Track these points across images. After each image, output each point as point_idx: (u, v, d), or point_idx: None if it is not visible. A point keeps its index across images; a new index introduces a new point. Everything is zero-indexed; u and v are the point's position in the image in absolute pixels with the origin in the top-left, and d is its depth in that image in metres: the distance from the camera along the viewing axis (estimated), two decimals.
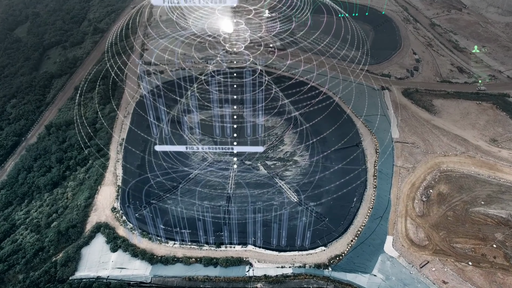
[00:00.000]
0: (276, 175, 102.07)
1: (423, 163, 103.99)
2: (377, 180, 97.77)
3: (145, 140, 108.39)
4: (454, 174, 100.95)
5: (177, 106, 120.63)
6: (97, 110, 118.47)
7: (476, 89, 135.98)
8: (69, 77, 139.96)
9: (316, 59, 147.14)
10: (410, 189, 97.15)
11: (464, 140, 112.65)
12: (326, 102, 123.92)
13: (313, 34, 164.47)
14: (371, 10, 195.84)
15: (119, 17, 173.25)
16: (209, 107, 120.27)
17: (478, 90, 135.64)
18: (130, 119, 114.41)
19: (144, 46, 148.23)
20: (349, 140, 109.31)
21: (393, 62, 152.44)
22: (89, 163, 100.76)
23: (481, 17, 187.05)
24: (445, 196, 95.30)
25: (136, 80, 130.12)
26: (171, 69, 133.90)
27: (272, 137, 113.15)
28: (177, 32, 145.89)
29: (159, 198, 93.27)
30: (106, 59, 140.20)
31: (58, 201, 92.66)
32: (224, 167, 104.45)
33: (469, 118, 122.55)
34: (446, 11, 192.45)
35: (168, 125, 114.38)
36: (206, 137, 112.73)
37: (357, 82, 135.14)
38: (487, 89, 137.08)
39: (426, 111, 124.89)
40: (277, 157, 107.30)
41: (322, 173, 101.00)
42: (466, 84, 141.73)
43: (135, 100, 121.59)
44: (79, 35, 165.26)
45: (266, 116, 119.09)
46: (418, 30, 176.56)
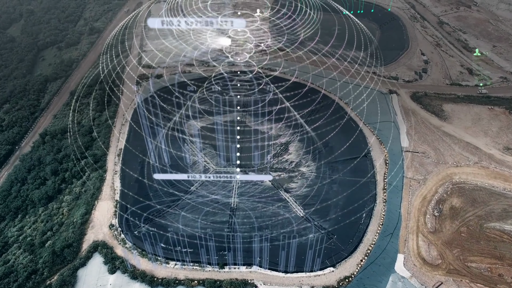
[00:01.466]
0: (281, 187, 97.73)
1: (434, 174, 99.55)
2: (386, 193, 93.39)
3: (143, 150, 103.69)
4: (467, 186, 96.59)
5: (177, 113, 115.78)
6: (93, 117, 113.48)
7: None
8: (65, 80, 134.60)
9: (320, 61, 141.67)
10: (422, 203, 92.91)
11: (476, 148, 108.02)
12: (332, 108, 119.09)
13: (318, 34, 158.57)
14: (376, 7, 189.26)
15: (116, 16, 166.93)
16: (210, 113, 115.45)
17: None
18: (128, 127, 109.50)
19: (143, 47, 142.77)
20: (357, 150, 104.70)
21: (401, 63, 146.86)
22: (85, 175, 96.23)
23: (491, 15, 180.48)
24: (458, 211, 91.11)
25: (133, 85, 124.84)
26: (172, 73, 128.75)
27: (277, 146, 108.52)
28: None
29: (159, 214, 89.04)
30: (103, 62, 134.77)
31: (53, 217, 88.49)
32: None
33: (481, 124, 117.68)
34: (455, 8, 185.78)
35: (167, 138, 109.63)
36: (207, 147, 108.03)
37: (366, 86, 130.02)
38: (497, 93, 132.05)
39: (436, 117, 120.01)
40: (282, 167, 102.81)
41: (329, 186, 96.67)
42: (476, 87, 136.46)
43: (133, 106, 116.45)
44: (74, 35, 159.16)
45: (270, 123, 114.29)
46: (426, 29, 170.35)
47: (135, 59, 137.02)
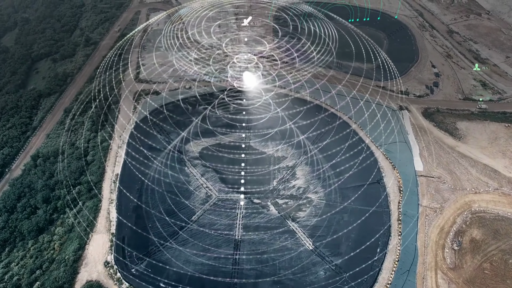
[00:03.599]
0: (288, 216, 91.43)
1: (452, 202, 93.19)
2: (401, 224, 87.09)
3: (142, 176, 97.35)
4: (488, 215, 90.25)
5: (178, 133, 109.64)
6: (88, 138, 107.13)
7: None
8: (59, 96, 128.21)
9: (326, 74, 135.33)
10: (439, 235, 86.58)
11: (494, 171, 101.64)
12: (340, 127, 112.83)
13: (322, 44, 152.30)
14: (383, 15, 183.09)
15: (113, 26, 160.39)
16: (214, 133, 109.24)
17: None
18: (125, 150, 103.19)
19: (139, 62, 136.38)
20: (368, 174, 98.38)
21: (411, 76, 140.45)
22: (79, 204, 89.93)
23: (503, 23, 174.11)
24: (479, 244, 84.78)
25: (131, 102, 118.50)
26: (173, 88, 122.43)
27: (283, 170, 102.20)
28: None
29: (158, 249, 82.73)
30: (99, 77, 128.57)
31: (44, 252, 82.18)
32: (230, 207, 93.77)
33: (498, 144, 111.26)
34: (465, 16, 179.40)
35: (168, 156, 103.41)
36: (210, 169, 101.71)
37: (376, 102, 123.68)
38: (509, 107, 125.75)
39: (450, 136, 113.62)
40: (289, 194, 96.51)
41: (340, 215, 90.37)
42: (491, 102, 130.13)
43: (131, 127, 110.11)
44: (70, 46, 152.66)
45: (276, 144, 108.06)
46: (436, 39, 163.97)
47: (132, 74, 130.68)
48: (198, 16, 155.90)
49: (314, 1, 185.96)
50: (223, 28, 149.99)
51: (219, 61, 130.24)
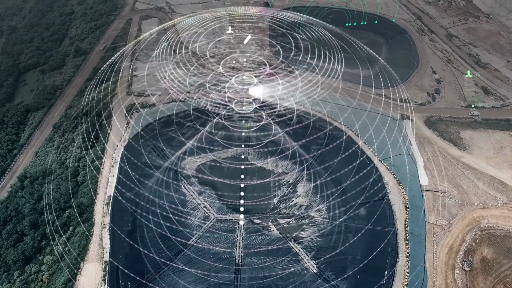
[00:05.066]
0: (290, 237, 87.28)
1: (460, 218, 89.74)
2: (409, 244, 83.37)
3: (136, 196, 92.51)
4: (498, 232, 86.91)
5: (173, 149, 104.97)
6: (79, 156, 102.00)
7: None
8: (48, 110, 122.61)
9: (324, 83, 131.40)
10: (448, 255, 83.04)
11: (502, 184, 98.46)
12: (340, 140, 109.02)
13: (318, 50, 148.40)
14: (381, 19, 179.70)
15: (104, 34, 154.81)
16: (211, 149, 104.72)
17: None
18: (117, 169, 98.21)
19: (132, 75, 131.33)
20: (373, 190, 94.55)
21: (412, 83, 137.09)
22: (69, 230, 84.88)
23: (502, 26, 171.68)
24: (491, 263, 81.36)
25: (124, 116, 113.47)
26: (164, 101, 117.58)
27: (283, 186, 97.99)
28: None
29: (154, 276, 78.08)
30: (90, 90, 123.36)
31: (31, 284, 77.09)
32: (229, 228, 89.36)
33: (503, 154, 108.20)
34: (463, 19, 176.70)
35: (164, 173, 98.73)
36: (207, 189, 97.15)
37: (376, 112, 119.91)
38: (505, 113, 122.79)
39: (454, 146, 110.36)
40: (290, 212, 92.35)
41: (345, 235, 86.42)
42: (494, 109, 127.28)
43: (123, 144, 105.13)
44: (59, 57, 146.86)
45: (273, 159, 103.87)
46: (435, 43, 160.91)
47: (125, 86, 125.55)
48: (196, 32, 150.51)
49: (311, 6, 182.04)
50: (219, 47, 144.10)
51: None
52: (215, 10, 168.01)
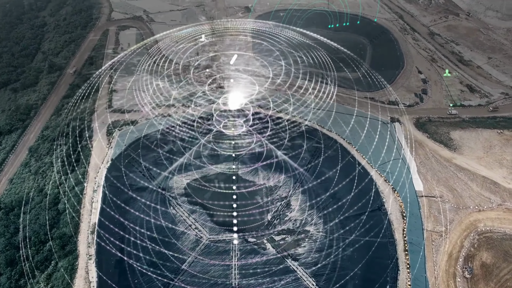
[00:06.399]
0: (287, 255, 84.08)
1: (457, 223, 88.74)
2: (409, 255, 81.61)
3: (123, 223, 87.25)
4: (495, 235, 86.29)
5: (160, 168, 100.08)
6: (59, 182, 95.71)
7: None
8: (22, 132, 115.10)
9: (309, 88, 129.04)
10: (448, 262, 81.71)
11: (494, 184, 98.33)
12: (331, 148, 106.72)
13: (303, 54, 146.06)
14: (363, 19, 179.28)
15: (79, 48, 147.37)
16: (202, 166, 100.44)
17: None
18: (101, 194, 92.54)
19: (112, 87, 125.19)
20: (368, 200, 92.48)
21: (399, 85, 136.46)
22: (51, 265, 78.97)
23: (481, 23, 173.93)
24: (491, 268, 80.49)
25: (106, 135, 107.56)
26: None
27: (277, 201, 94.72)
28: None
29: None
30: (67, 109, 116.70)
31: None
32: (223, 250, 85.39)
33: (493, 153, 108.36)
34: (443, 17, 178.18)
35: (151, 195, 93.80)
36: (197, 208, 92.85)
37: (366, 116, 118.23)
38: (502, 112, 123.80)
39: (445, 147, 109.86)
40: (285, 228, 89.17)
41: (343, 249, 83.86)
42: (480, 106, 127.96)
43: (106, 165, 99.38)
44: (32, 73, 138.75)
45: (265, 172, 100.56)
46: (418, 42, 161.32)
47: (105, 102, 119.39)
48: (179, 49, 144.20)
49: (294, 9, 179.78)
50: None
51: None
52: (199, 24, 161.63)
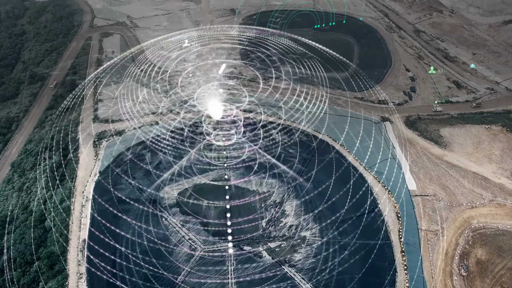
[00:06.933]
0: (284, 261, 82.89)
1: (451, 221, 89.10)
2: (406, 256, 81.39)
3: (114, 237, 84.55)
4: (488, 231, 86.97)
5: (150, 178, 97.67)
6: (44, 198, 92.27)
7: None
8: (3, 147, 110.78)
9: (296, 89, 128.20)
10: (445, 261, 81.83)
11: (485, 179, 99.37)
12: (323, 152, 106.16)
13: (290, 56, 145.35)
14: (348, 18, 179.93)
15: (61, 56, 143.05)
16: (192, 175, 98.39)
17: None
18: (90, 208, 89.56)
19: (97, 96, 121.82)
20: (362, 202, 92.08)
21: (387, 83, 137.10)
22: (39, 287, 75.81)
23: (464, 19, 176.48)
24: (486, 264, 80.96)
25: (93, 147, 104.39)
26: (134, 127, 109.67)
27: (271, 207, 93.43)
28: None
29: None
30: (51, 121, 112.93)
31: None
32: (218, 260, 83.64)
33: (482, 148, 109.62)
34: (428, 14, 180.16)
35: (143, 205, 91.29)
36: (190, 218, 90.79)
37: (356, 116, 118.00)
38: (489, 107, 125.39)
39: (435, 145, 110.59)
40: (281, 235, 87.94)
41: (339, 253, 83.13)
42: (467, 102, 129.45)
43: (94, 178, 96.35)
44: (12, 84, 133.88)
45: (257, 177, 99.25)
46: (404, 40, 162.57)
47: (90, 112, 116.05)
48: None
49: (279, 10, 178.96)
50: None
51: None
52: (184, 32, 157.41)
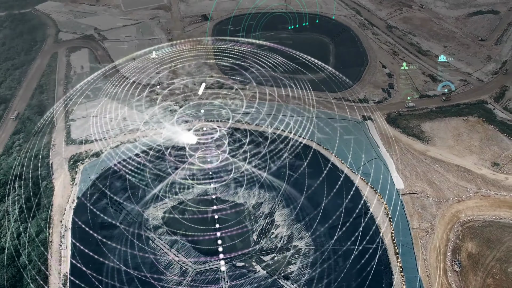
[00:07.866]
0: (279, 274, 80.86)
1: (440, 217, 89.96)
2: (400, 257, 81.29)
3: (98, 267, 79.61)
4: (476, 224, 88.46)
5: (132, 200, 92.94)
6: (17, 232, 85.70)
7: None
8: None
9: (274, 93, 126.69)
10: (437, 259, 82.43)
11: (468, 171, 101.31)
12: (308, 157, 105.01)
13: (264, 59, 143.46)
14: (321, 18, 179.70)
15: (26, 75, 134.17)
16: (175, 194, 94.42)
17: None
18: (70, 239, 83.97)
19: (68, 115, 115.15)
20: (352, 206, 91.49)
21: (366, 81, 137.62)
22: None
23: (432, 13, 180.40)
24: (477, 258, 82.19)
25: (68, 172, 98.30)
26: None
27: (260, 218, 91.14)
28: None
29: None
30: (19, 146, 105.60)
31: None
32: (212, 279, 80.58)
33: (462, 140, 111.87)
34: (398, 9, 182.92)
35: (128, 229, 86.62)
36: (178, 238, 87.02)
37: (337, 117, 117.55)
38: (464, 99, 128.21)
39: (418, 141, 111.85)
40: (273, 247, 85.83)
41: (334, 261, 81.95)
42: (444, 95, 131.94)
43: (72, 205, 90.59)
44: None
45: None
46: (378, 36, 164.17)
47: (63, 134, 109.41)
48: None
49: (252, 13, 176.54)
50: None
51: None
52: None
